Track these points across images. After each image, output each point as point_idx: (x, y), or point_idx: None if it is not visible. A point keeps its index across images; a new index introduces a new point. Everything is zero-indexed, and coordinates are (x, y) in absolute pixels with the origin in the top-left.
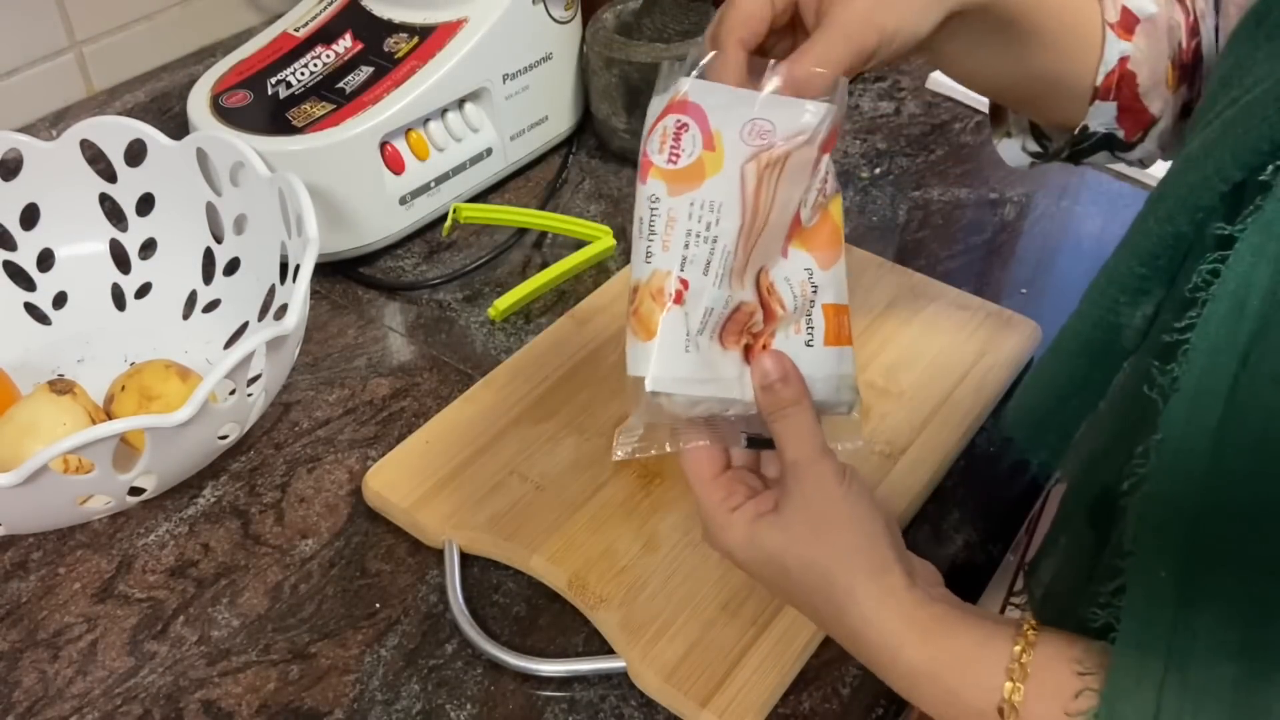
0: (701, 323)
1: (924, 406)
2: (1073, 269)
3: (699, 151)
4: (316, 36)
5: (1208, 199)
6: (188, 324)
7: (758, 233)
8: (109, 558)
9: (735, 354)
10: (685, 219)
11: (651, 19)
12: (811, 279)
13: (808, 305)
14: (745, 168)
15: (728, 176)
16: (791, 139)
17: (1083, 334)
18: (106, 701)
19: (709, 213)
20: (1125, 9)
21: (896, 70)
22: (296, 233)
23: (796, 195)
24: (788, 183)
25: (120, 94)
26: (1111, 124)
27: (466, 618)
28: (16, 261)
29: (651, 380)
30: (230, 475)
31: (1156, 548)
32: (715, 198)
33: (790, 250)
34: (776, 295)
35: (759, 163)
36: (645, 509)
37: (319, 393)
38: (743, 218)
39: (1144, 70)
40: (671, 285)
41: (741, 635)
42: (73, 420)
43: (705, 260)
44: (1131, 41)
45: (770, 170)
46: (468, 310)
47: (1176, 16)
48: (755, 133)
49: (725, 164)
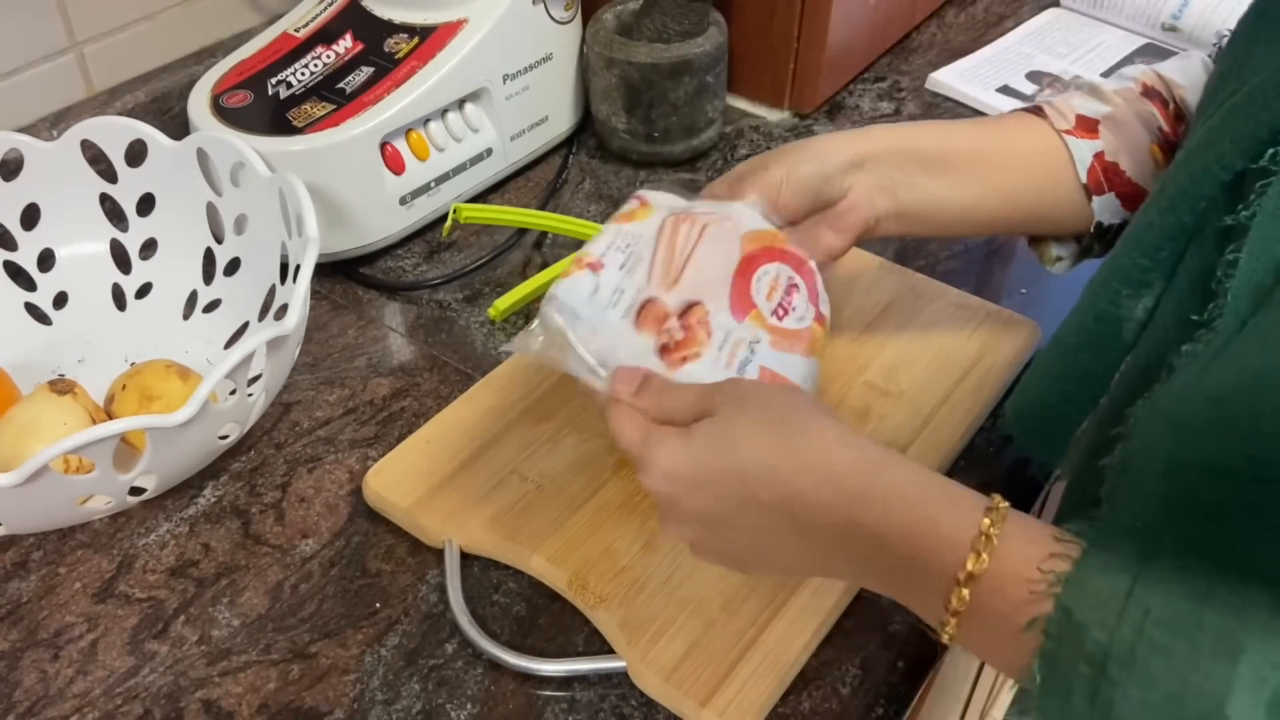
0: (611, 299)
1: (924, 406)
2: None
3: (635, 206)
4: (317, 37)
5: (1209, 188)
6: (188, 324)
7: (677, 265)
8: (109, 557)
9: (647, 339)
10: (613, 236)
11: (651, 19)
12: (755, 344)
13: (743, 359)
14: (666, 220)
15: (651, 223)
16: (709, 214)
17: (1084, 328)
18: (107, 701)
19: (632, 236)
20: (1080, 115)
21: (896, 71)
22: (297, 233)
23: (720, 254)
24: (709, 243)
25: (121, 94)
26: (1121, 213)
27: (467, 617)
28: (17, 261)
29: (550, 294)
30: (231, 475)
31: (1128, 499)
32: (639, 231)
33: (748, 322)
34: (706, 329)
35: (676, 218)
36: (645, 509)
37: (319, 393)
38: (656, 244)
39: (1124, 158)
40: (591, 255)
41: (741, 635)
42: (73, 420)
43: (620, 262)
44: (1099, 138)
45: (685, 223)
46: (468, 310)
47: (1148, 108)
48: (682, 208)
49: (652, 216)
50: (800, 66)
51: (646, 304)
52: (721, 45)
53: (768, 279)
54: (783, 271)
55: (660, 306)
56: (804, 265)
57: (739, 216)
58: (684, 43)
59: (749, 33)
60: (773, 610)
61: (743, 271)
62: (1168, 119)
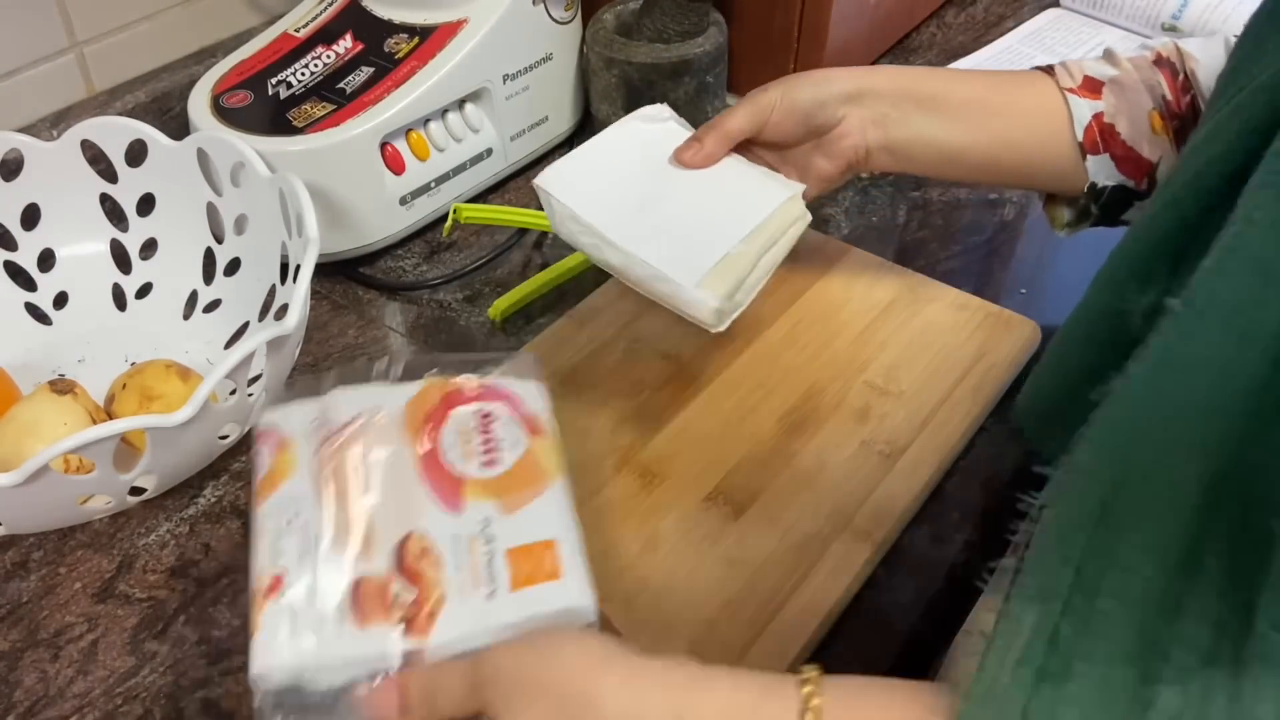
0: (314, 606)
1: (924, 406)
2: (1072, 269)
3: (269, 463)
4: (317, 37)
5: (1213, 182)
6: (188, 324)
7: (357, 513)
8: (110, 557)
9: (386, 628)
10: (271, 519)
11: (651, 19)
12: (487, 529)
13: (484, 559)
14: (314, 459)
15: (302, 473)
16: (360, 418)
17: (1090, 321)
18: (107, 701)
19: (289, 507)
20: (1086, 76)
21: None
22: (297, 233)
23: (390, 456)
24: (373, 455)
25: (121, 94)
26: (1116, 175)
27: None
28: (17, 261)
29: (255, 675)
30: (231, 475)
31: (1086, 475)
32: (294, 492)
33: (467, 504)
34: (432, 557)
35: (320, 458)
36: (645, 509)
37: None
38: (320, 502)
39: (1122, 121)
40: (265, 581)
41: (741, 635)
42: (73, 420)
43: (297, 551)
44: (1101, 100)
45: (331, 460)
46: (468, 310)
47: (1155, 77)
48: (321, 422)
49: (298, 463)
50: (800, 66)
51: (355, 589)
52: (721, 45)
53: (454, 436)
54: (463, 413)
55: (371, 581)
56: (488, 389)
57: (386, 400)
58: (684, 43)
59: (749, 33)
60: (772, 610)
61: (426, 457)
62: (1173, 89)
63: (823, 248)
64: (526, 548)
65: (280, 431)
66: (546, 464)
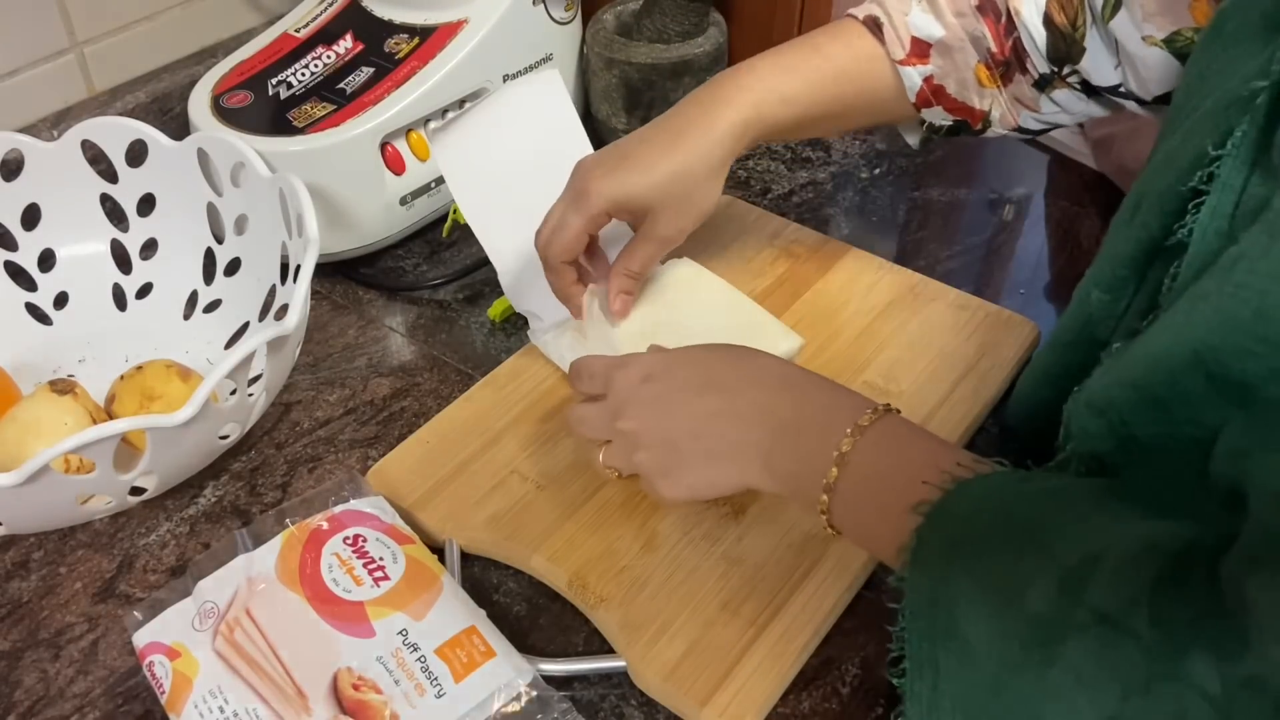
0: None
1: (924, 406)
2: (1072, 269)
3: (170, 679)
4: (317, 37)
5: (1173, 203)
6: (188, 324)
7: (282, 671)
8: (110, 557)
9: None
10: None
11: (651, 20)
12: (407, 639)
13: (418, 665)
14: (212, 650)
15: (207, 668)
16: (238, 593)
17: (1072, 328)
18: (107, 701)
19: (213, 701)
20: (914, 39)
21: None
22: (297, 233)
23: (284, 612)
24: (269, 610)
25: (121, 94)
26: (949, 119)
27: None
28: (17, 261)
29: None
30: (231, 475)
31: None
32: (210, 687)
33: (376, 625)
34: (370, 683)
35: (224, 637)
36: (645, 509)
37: (319, 393)
38: (246, 682)
39: (950, 81)
40: None
41: (741, 635)
42: (74, 420)
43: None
44: (930, 64)
45: (236, 627)
46: (468, 310)
47: (980, 29)
48: (202, 616)
49: (199, 664)
50: None
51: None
52: (721, 45)
53: (335, 570)
54: (335, 545)
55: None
56: (346, 517)
57: (253, 567)
58: (684, 43)
59: (749, 33)
60: (773, 610)
61: (318, 599)
62: (997, 37)
63: (823, 248)
64: (453, 640)
65: (164, 642)
66: (430, 564)
